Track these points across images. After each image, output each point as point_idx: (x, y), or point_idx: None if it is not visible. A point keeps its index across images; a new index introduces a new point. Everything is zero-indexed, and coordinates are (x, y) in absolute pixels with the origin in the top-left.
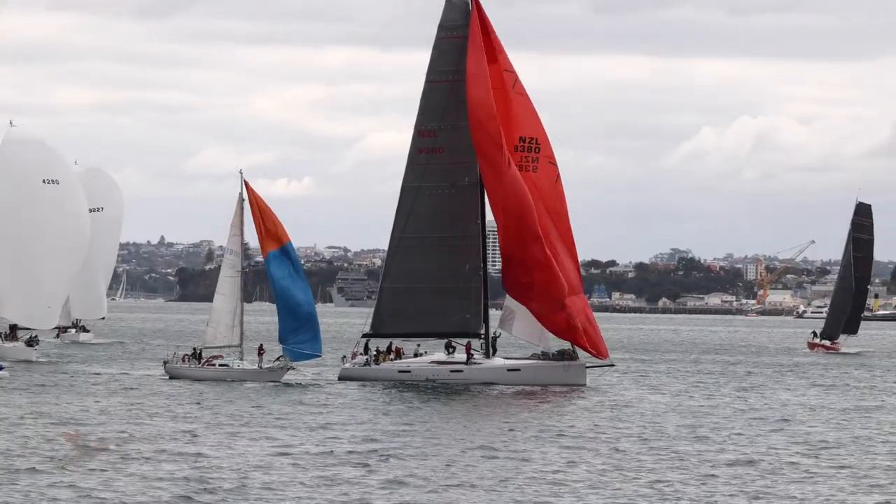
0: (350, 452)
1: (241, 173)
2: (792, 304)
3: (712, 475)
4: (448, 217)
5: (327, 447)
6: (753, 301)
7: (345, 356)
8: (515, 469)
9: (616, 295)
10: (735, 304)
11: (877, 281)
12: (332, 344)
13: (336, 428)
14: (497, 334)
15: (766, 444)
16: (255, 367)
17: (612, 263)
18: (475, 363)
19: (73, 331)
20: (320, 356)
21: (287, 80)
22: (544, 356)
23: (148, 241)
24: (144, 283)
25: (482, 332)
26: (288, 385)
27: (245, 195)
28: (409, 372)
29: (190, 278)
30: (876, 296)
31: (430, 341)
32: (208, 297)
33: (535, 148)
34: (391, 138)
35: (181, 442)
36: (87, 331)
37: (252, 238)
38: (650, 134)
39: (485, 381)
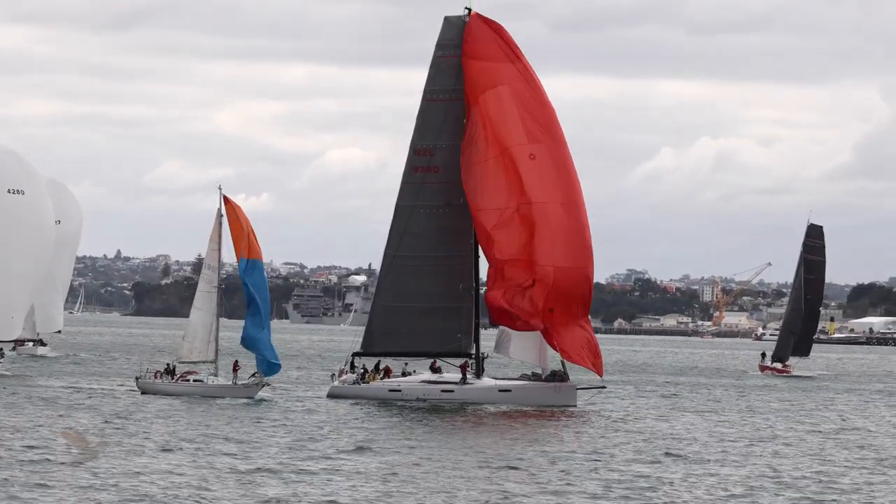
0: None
1: (220, 188)
2: (748, 326)
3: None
4: (442, 236)
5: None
6: (709, 323)
7: (334, 374)
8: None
9: None
10: (691, 325)
11: (833, 304)
12: (294, 361)
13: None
14: (485, 355)
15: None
16: (230, 382)
17: None
18: (467, 383)
19: (31, 344)
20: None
21: (247, 95)
22: (535, 377)
23: (104, 255)
24: (100, 297)
25: (473, 352)
26: (266, 402)
27: (224, 210)
28: (399, 391)
29: (146, 293)
30: (832, 319)
31: (419, 360)
32: (164, 312)
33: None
34: (351, 155)
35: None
36: (45, 344)
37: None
38: (610, 154)
39: (476, 401)
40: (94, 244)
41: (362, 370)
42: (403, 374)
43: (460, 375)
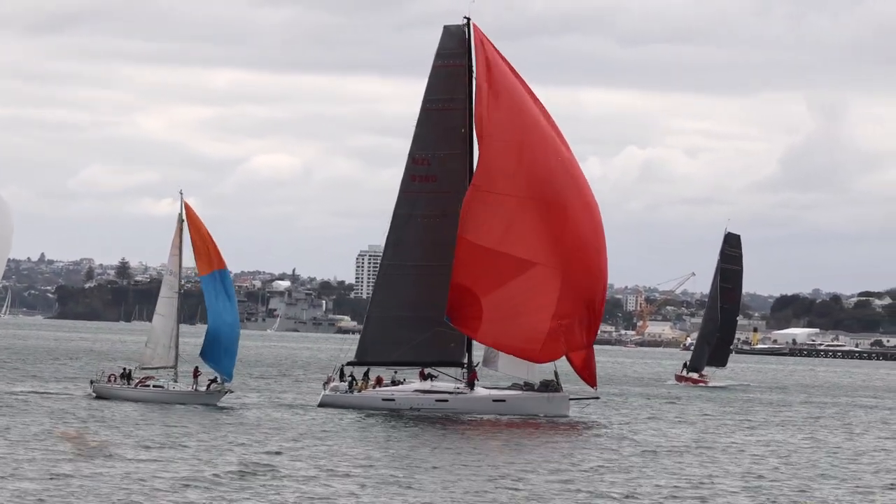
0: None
1: (181, 193)
2: (671, 335)
3: None
4: (436, 246)
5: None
6: (633, 332)
7: (325, 382)
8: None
9: None
10: (614, 334)
11: (756, 315)
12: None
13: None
14: (476, 364)
15: None
16: (191, 389)
17: None
18: (460, 393)
19: None
20: (230, 381)
21: (175, 100)
22: (527, 386)
23: (28, 258)
24: (24, 300)
25: (465, 361)
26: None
27: (185, 216)
28: (393, 400)
29: (69, 296)
30: (755, 329)
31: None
32: (87, 315)
33: None
34: (278, 161)
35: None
36: None
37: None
38: None
39: (470, 411)
40: (18, 247)
41: (350, 378)
42: (393, 383)
43: (454, 384)
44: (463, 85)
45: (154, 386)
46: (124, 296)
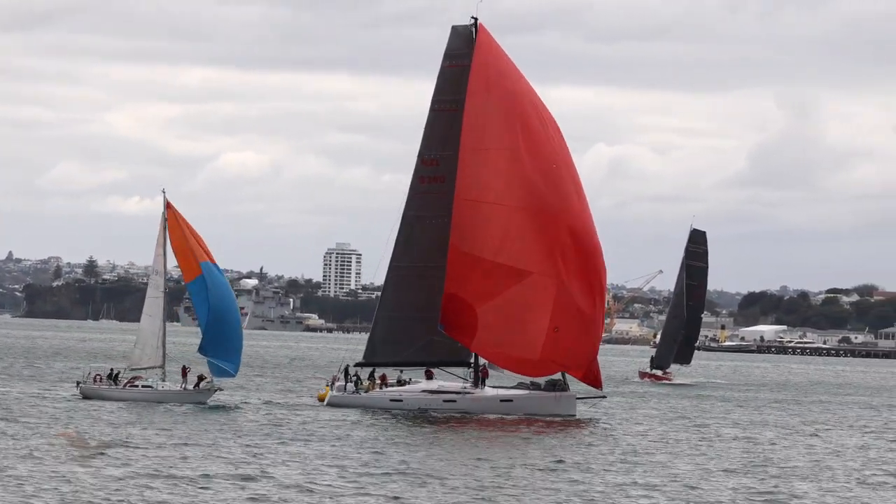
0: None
1: (163, 192)
2: (639, 333)
3: None
4: (445, 246)
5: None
6: None
7: (331, 382)
8: None
9: None
10: None
11: (724, 312)
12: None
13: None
14: (483, 364)
15: None
16: (179, 388)
17: None
18: (468, 393)
19: None
20: (234, 377)
21: (144, 98)
22: (534, 385)
23: None
24: None
25: (472, 360)
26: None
27: (167, 215)
28: (400, 401)
29: (37, 294)
30: (723, 327)
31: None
32: (56, 314)
33: None
34: (246, 158)
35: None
36: None
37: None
38: None
39: (478, 411)
40: None
41: (355, 378)
42: (399, 382)
43: (462, 383)
44: None
45: (143, 386)
46: (92, 294)
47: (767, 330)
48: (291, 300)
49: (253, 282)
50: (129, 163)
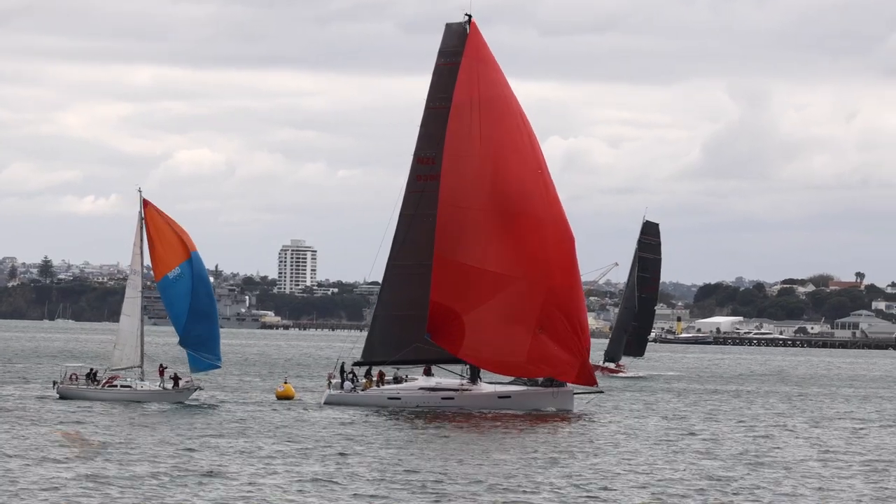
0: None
1: (139, 191)
2: (595, 326)
3: None
4: None
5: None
6: None
7: (329, 381)
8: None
9: None
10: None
11: (680, 304)
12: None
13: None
14: None
15: None
16: (158, 387)
17: None
18: (466, 390)
19: None
20: (220, 367)
21: (96, 97)
22: (530, 381)
23: None
24: None
25: None
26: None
27: (143, 214)
28: (399, 399)
29: None
30: (679, 319)
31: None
32: (12, 314)
33: None
34: (200, 156)
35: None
36: None
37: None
38: None
39: (475, 407)
40: None
41: (351, 375)
42: (396, 380)
43: (460, 380)
44: None
45: (122, 386)
46: (48, 294)
47: (724, 321)
48: (247, 297)
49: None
50: (82, 162)
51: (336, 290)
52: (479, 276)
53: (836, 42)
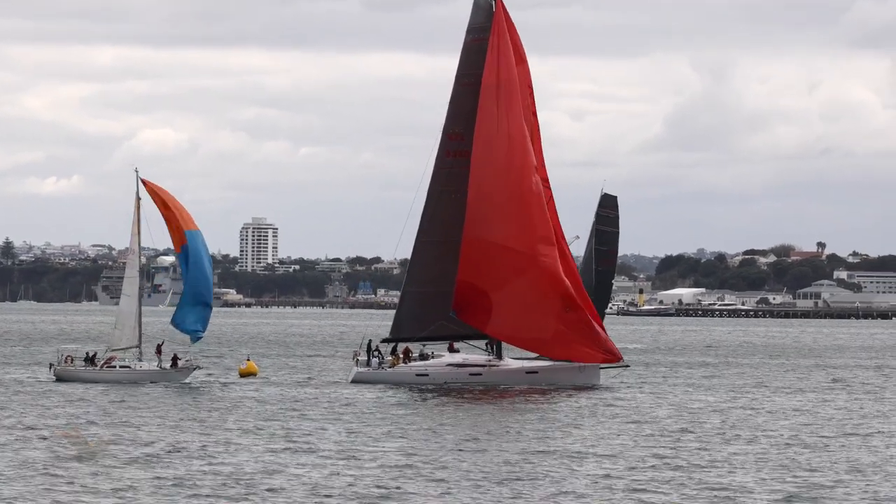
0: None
1: (136, 171)
2: None
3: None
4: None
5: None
6: None
7: (356, 359)
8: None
9: (381, 291)
10: None
11: (642, 276)
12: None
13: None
14: None
15: None
16: (157, 367)
17: (377, 260)
18: (493, 366)
19: None
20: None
21: (58, 78)
22: None
23: None
24: None
25: None
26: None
27: (142, 193)
28: (426, 375)
29: None
30: (641, 291)
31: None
32: None
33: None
34: (163, 136)
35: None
36: None
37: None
38: (424, 131)
39: (504, 383)
40: None
41: (377, 353)
42: (422, 357)
43: (487, 355)
44: None
45: (120, 366)
46: (9, 276)
47: (686, 293)
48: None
49: (171, 259)
50: (44, 143)
51: (298, 267)
52: (503, 253)
53: (797, 12)
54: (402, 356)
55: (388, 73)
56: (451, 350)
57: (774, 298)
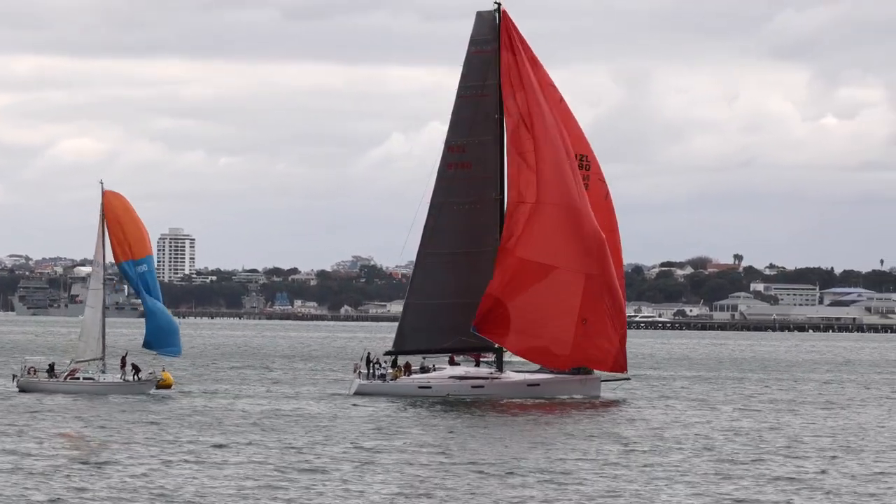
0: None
1: (101, 183)
2: None
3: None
4: (471, 232)
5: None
6: None
7: (358, 371)
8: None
9: (298, 303)
10: None
11: None
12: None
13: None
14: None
15: None
16: (120, 379)
17: (295, 271)
18: (495, 378)
19: None
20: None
21: None
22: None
23: None
24: None
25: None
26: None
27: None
28: (429, 388)
29: None
30: None
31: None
32: None
33: (586, 165)
34: (82, 145)
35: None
36: None
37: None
38: (340, 141)
39: (506, 396)
40: None
41: (375, 365)
42: (422, 369)
43: (488, 368)
44: (496, 71)
45: (84, 378)
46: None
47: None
48: (126, 286)
49: (87, 269)
50: None
51: (215, 278)
52: (520, 264)
53: (714, 23)
54: (403, 368)
55: (306, 83)
56: (452, 363)
57: (691, 311)
